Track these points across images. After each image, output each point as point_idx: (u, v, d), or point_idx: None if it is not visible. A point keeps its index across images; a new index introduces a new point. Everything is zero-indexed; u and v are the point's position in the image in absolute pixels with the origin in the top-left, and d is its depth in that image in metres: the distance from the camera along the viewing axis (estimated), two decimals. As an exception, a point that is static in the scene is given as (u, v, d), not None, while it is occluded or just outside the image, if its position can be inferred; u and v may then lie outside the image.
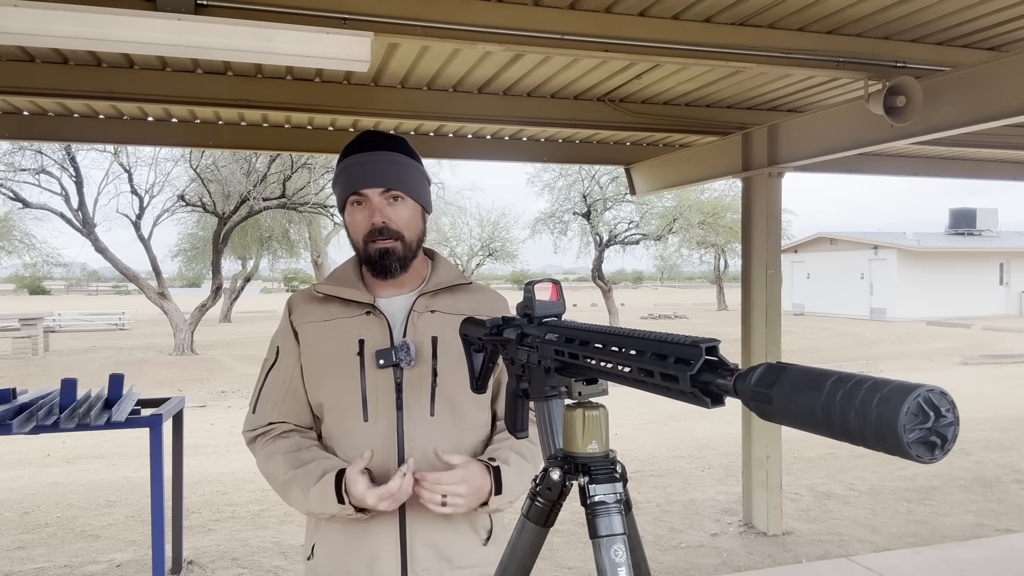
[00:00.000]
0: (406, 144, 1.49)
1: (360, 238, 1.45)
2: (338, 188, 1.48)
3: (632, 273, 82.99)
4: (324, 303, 1.50)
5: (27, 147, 14.91)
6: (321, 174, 17.38)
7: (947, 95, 3.23)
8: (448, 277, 1.54)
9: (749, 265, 4.79)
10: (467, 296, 1.54)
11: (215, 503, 5.44)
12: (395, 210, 1.44)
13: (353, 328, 1.46)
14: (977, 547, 4.43)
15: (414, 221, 1.47)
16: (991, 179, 6.57)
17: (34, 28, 2.28)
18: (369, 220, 1.43)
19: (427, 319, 1.47)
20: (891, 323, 25.17)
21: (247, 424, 1.52)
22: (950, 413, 0.56)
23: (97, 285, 69.44)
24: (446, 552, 1.43)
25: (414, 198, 1.47)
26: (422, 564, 1.41)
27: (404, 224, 1.44)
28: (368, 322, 1.46)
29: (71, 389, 3.51)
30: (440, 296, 1.51)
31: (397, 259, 1.44)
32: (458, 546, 1.44)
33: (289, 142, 4.90)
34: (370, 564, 1.41)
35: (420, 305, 1.48)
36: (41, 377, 12.95)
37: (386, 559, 1.40)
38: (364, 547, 1.41)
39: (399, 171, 1.44)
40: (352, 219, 1.46)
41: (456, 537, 1.44)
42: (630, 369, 0.81)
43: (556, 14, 2.86)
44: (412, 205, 1.47)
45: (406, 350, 1.42)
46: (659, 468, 6.43)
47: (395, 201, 1.44)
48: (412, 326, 1.46)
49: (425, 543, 1.41)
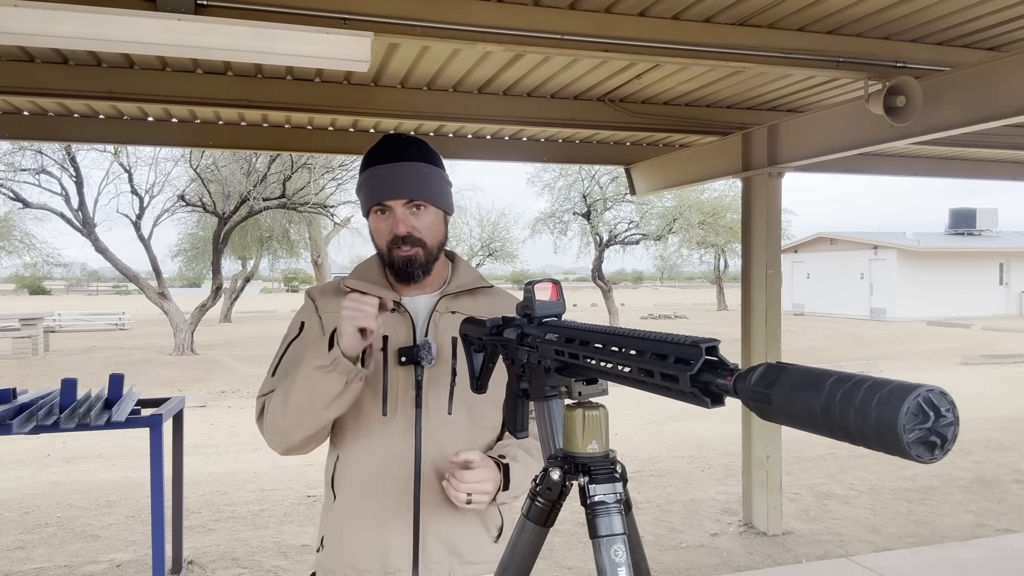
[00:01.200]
0: (427, 149, 1.52)
1: (384, 245, 1.50)
2: (362, 196, 1.52)
3: (632, 273, 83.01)
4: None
5: (27, 147, 14.91)
6: (321, 174, 17.38)
7: (947, 95, 3.23)
8: (468, 279, 1.58)
9: (749, 265, 4.79)
10: (487, 299, 1.58)
11: (215, 503, 5.45)
12: (418, 218, 1.48)
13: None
14: (977, 547, 4.42)
15: (436, 227, 1.51)
16: (991, 179, 6.57)
17: (34, 28, 2.28)
18: (393, 230, 1.47)
19: (448, 319, 1.51)
20: (891, 323, 25.17)
21: (264, 387, 1.52)
22: (950, 413, 0.56)
23: (97, 285, 69.45)
24: (457, 547, 1.45)
25: (436, 205, 1.51)
26: (433, 558, 1.44)
27: (427, 231, 1.49)
28: (392, 319, 1.49)
29: (71, 389, 3.51)
30: (461, 298, 1.55)
31: (420, 265, 1.48)
32: (469, 541, 1.47)
33: (289, 142, 4.90)
34: (382, 556, 1.43)
35: (442, 306, 1.52)
36: (41, 377, 12.95)
37: (398, 552, 1.43)
38: (377, 539, 1.43)
39: (422, 182, 1.47)
40: (376, 226, 1.51)
41: (467, 533, 1.47)
42: (630, 369, 0.81)
43: (556, 14, 2.86)
44: (434, 212, 1.51)
45: (428, 349, 1.46)
46: (659, 468, 6.43)
47: (418, 210, 1.48)
48: (434, 325, 1.50)
49: (437, 537, 1.44)
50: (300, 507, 5.32)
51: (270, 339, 19.66)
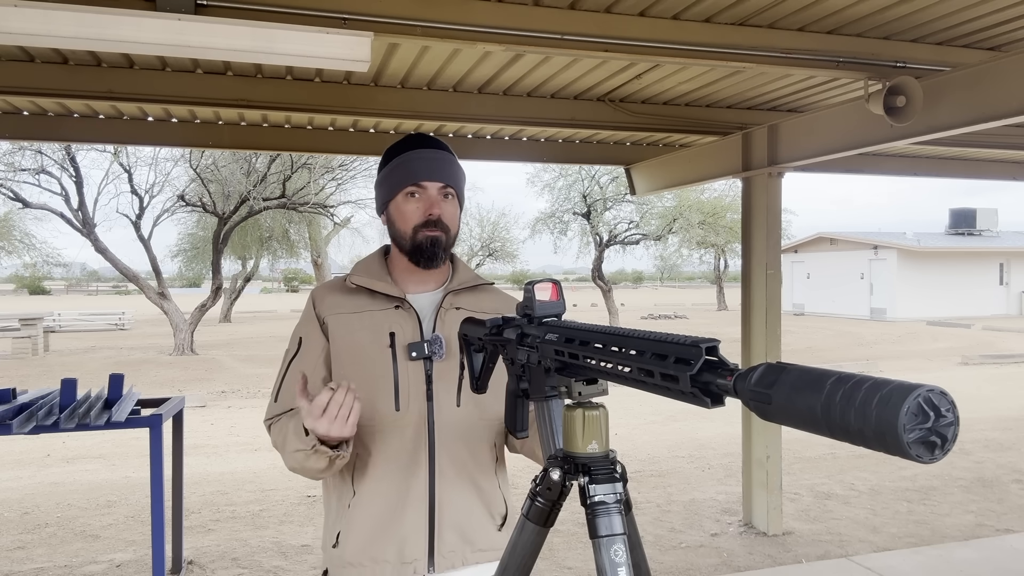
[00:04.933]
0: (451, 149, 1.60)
1: (411, 227, 1.52)
2: (393, 179, 1.54)
3: (632, 273, 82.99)
4: (352, 295, 1.56)
5: (27, 147, 14.91)
6: (321, 174, 17.38)
7: (947, 95, 3.23)
8: (468, 277, 1.62)
9: (749, 265, 4.79)
10: (488, 296, 1.63)
11: (215, 503, 5.44)
12: (447, 205, 1.54)
13: (383, 321, 1.51)
14: (977, 547, 4.43)
15: (457, 219, 1.58)
16: (991, 179, 6.57)
17: (34, 28, 2.28)
18: (426, 210, 1.51)
19: (454, 315, 1.54)
20: (891, 323, 25.17)
21: (269, 412, 1.55)
22: (950, 413, 0.56)
23: (97, 285, 69.45)
24: (468, 535, 1.49)
25: (460, 199, 1.58)
26: (448, 546, 1.47)
27: (451, 220, 1.55)
28: (398, 316, 1.52)
29: (71, 389, 3.51)
30: (464, 294, 1.59)
31: (443, 249, 1.53)
32: (478, 529, 1.51)
33: (289, 142, 4.90)
34: (400, 547, 1.46)
35: (447, 302, 1.56)
36: (41, 377, 12.95)
37: (415, 542, 1.46)
38: (395, 531, 1.46)
39: (454, 171, 1.56)
40: (404, 208, 1.53)
41: (478, 521, 1.51)
42: (630, 369, 0.81)
43: (556, 14, 2.86)
44: (457, 204, 1.58)
45: (439, 343, 1.49)
46: (659, 468, 6.43)
47: (447, 198, 1.54)
48: (440, 321, 1.53)
49: (451, 526, 1.48)
50: (300, 507, 5.32)
51: (270, 339, 19.67)
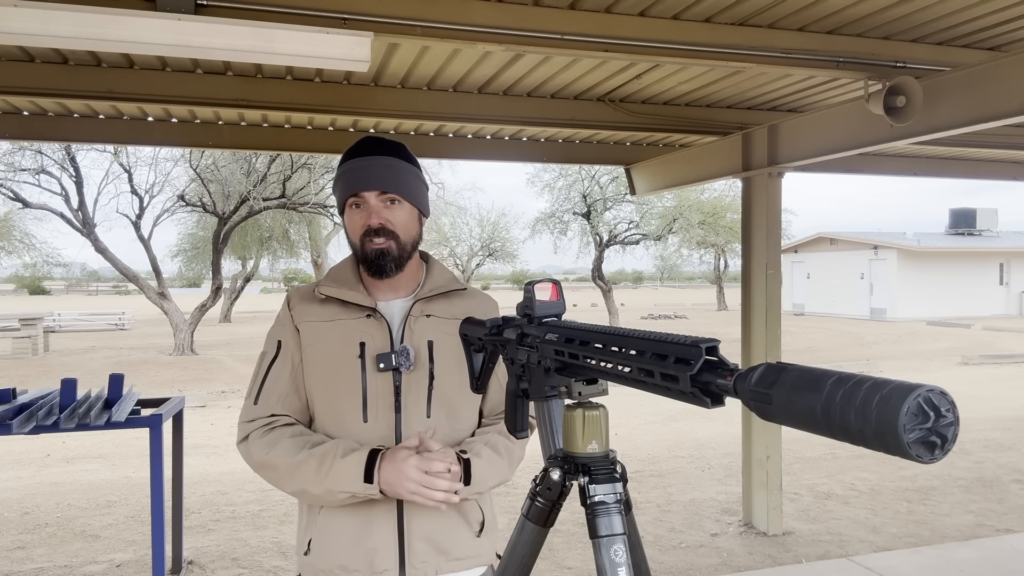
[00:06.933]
0: (405, 149, 1.54)
1: (357, 238, 1.50)
2: (338, 190, 1.53)
3: (632, 273, 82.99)
4: (324, 303, 1.54)
5: (27, 147, 14.90)
6: (321, 174, 17.37)
7: (947, 95, 3.23)
8: (443, 282, 1.58)
9: (749, 265, 4.79)
10: (462, 301, 1.59)
11: (215, 503, 5.44)
12: (392, 212, 1.49)
13: (354, 330, 1.49)
14: (977, 547, 4.42)
15: (410, 224, 1.52)
16: (991, 179, 6.57)
17: (34, 28, 2.28)
18: (366, 221, 1.48)
19: (423, 323, 1.52)
20: (891, 323, 25.16)
21: (247, 414, 1.50)
22: (950, 413, 0.56)
23: (97, 285, 69.43)
24: (442, 544, 1.47)
25: (411, 202, 1.52)
26: (419, 557, 1.45)
27: (400, 226, 1.49)
28: (369, 325, 1.50)
29: (71, 389, 3.51)
30: (435, 301, 1.56)
31: (392, 259, 1.48)
32: (453, 538, 1.49)
33: (289, 142, 4.90)
34: (369, 558, 1.44)
35: (417, 310, 1.53)
36: (41, 377, 12.94)
37: (384, 552, 1.44)
38: (363, 541, 1.44)
39: (396, 175, 1.49)
40: (351, 220, 1.52)
41: (451, 529, 1.49)
42: (630, 369, 0.81)
43: (556, 14, 2.86)
44: (408, 208, 1.52)
45: (406, 355, 1.47)
46: (659, 468, 6.43)
47: (392, 204, 1.49)
48: (409, 330, 1.51)
49: (422, 536, 1.46)
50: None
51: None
